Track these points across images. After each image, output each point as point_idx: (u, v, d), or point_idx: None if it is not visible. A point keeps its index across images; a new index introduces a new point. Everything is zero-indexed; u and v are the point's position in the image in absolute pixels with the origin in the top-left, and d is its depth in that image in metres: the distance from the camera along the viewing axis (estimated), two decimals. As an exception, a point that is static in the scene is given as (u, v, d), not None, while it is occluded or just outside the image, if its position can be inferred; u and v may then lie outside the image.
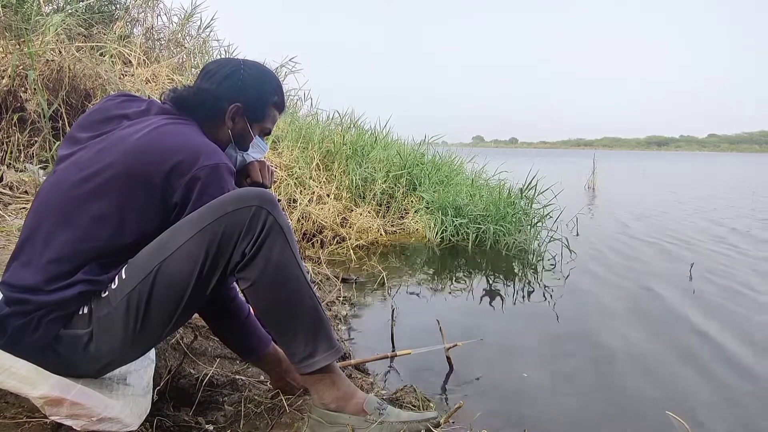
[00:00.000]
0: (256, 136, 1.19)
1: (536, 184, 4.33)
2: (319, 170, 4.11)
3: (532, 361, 1.87)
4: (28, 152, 3.27)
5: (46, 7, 4.01)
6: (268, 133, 1.23)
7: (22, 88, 3.29)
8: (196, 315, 1.73)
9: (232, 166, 1.04)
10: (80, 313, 0.94)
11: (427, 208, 4.20)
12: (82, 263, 0.94)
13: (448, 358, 1.72)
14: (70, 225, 0.94)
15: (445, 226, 3.93)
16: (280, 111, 1.23)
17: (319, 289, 2.49)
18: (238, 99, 1.12)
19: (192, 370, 1.33)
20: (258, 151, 1.22)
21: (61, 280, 0.92)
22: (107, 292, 0.94)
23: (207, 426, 1.12)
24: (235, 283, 1.09)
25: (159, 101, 1.12)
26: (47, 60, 3.38)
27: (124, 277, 0.94)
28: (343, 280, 2.67)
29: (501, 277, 3.13)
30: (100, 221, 0.94)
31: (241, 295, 1.13)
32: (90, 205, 0.94)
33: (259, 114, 1.17)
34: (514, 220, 3.97)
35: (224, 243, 0.94)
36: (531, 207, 4.23)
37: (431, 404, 1.38)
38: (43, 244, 0.93)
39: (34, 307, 0.90)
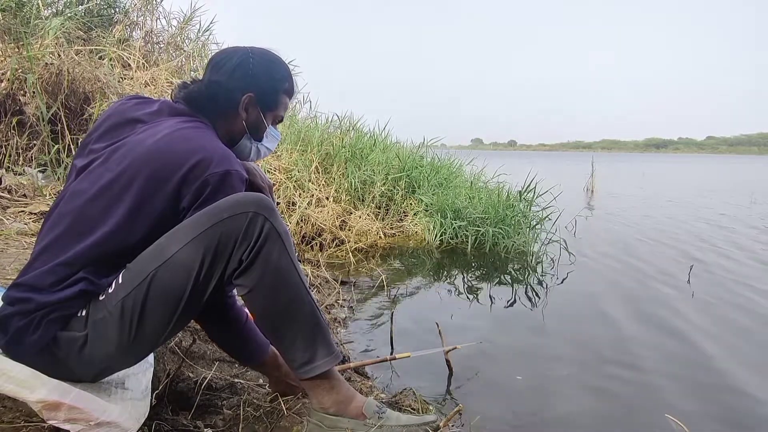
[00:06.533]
0: (269, 125, 1.18)
1: (535, 187, 4.34)
2: (318, 173, 4.11)
3: (532, 363, 1.86)
4: (26, 155, 3.27)
5: (46, 11, 4.01)
6: (281, 121, 1.22)
7: (21, 92, 3.30)
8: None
9: (245, 172, 1.02)
10: (78, 315, 0.94)
11: (426, 210, 4.20)
12: (87, 264, 0.94)
13: (447, 361, 1.72)
14: (88, 236, 0.94)
15: (444, 229, 3.93)
16: (291, 97, 1.21)
17: (319, 292, 2.49)
18: (250, 88, 1.11)
19: (190, 374, 1.32)
20: (272, 140, 1.21)
21: (65, 279, 0.92)
22: (104, 296, 0.94)
23: (206, 430, 1.12)
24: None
25: (171, 100, 1.11)
26: (46, 63, 3.39)
27: (120, 281, 0.93)
28: (343, 283, 2.67)
29: (500, 279, 3.13)
30: (116, 228, 0.94)
31: (239, 301, 1.13)
32: (108, 215, 0.94)
33: (272, 102, 1.16)
34: (513, 222, 3.97)
35: (221, 250, 0.93)
36: (530, 209, 4.23)
37: (430, 407, 1.37)
38: (57, 254, 0.93)
39: (36, 307, 0.90)
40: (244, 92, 1.10)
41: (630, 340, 2.11)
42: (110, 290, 0.94)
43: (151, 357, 1.21)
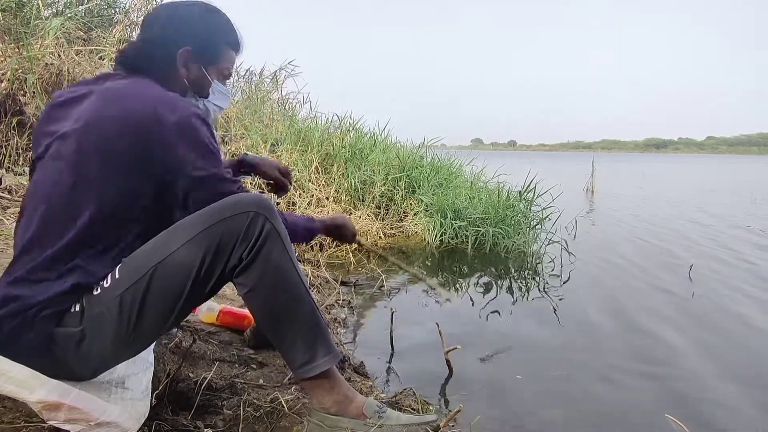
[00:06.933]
0: (215, 81, 1.12)
1: (535, 187, 4.33)
2: (318, 173, 4.11)
3: (532, 364, 1.86)
4: (27, 156, 3.27)
5: (46, 11, 4.01)
6: (228, 76, 1.16)
7: (21, 92, 3.30)
8: (194, 319, 1.73)
9: (200, 110, 0.99)
10: (72, 310, 0.92)
11: (426, 210, 4.20)
12: (73, 256, 0.92)
13: (447, 361, 1.72)
14: (64, 229, 0.92)
15: (444, 229, 3.93)
16: (236, 50, 1.15)
17: (319, 292, 2.49)
18: (186, 42, 1.05)
19: (191, 374, 1.32)
20: (221, 97, 1.15)
21: (52, 275, 0.90)
22: (99, 290, 0.93)
23: (206, 430, 1.11)
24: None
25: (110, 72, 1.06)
26: (46, 64, 3.39)
27: (117, 276, 0.93)
28: (343, 283, 2.67)
29: (500, 279, 3.13)
30: (82, 210, 0.92)
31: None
32: (73, 199, 0.92)
33: (212, 55, 1.10)
34: (513, 222, 3.97)
35: (221, 248, 0.93)
36: (530, 210, 4.23)
37: (431, 407, 1.37)
38: (38, 252, 0.92)
39: (27, 306, 0.88)
40: (180, 46, 1.05)
41: (630, 340, 2.11)
42: (106, 285, 0.93)
43: (151, 357, 1.21)
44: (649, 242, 4.35)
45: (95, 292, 0.93)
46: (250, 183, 3.26)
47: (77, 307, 0.93)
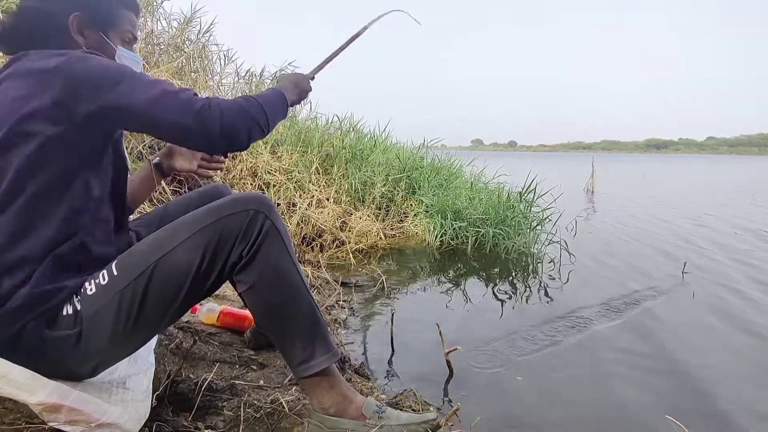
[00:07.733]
0: (119, 47, 1.03)
1: (535, 187, 4.33)
2: (319, 174, 4.11)
3: (532, 364, 1.86)
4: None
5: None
6: (133, 41, 1.06)
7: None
8: (195, 320, 1.73)
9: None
10: (64, 313, 0.91)
11: (427, 211, 4.20)
12: (39, 261, 0.88)
13: (448, 362, 1.72)
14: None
15: (445, 230, 3.93)
16: (135, 12, 1.06)
17: (319, 293, 2.49)
18: (75, 8, 0.96)
19: (191, 375, 1.33)
20: (130, 63, 1.05)
21: (22, 281, 0.87)
22: (93, 289, 0.92)
23: (206, 431, 1.12)
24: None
25: None
26: (47, 65, 3.38)
27: (115, 273, 0.92)
28: (343, 284, 2.67)
29: (500, 280, 3.13)
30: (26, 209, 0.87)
31: None
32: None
33: (108, 18, 1.00)
34: (513, 223, 3.97)
35: (221, 245, 0.94)
36: (530, 210, 4.23)
37: (431, 408, 1.38)
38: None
39: (9, 313, 0.86)
40: (70, 13, 0.96)
41: (630, 340, 2.11)
42: (103, 282, 0.92)
43: (152, 357, 1.21)
44: (649, 242, 4.34)
45: (90, 292, 0.92)
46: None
47: (69, 310, 0.91)
